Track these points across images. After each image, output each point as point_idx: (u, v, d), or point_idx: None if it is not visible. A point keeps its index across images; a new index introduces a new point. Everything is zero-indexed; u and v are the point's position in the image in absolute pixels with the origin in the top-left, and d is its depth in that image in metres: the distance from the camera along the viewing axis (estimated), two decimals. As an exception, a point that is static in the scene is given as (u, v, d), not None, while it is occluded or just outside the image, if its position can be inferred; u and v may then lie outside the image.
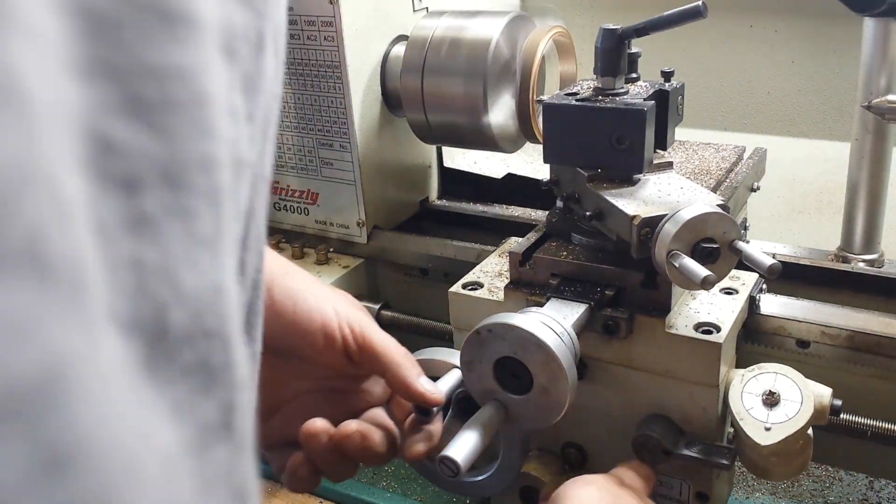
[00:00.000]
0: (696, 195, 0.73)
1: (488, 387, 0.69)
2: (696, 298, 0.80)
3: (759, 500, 0.97)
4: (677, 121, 0.81)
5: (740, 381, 0.76)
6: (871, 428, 0.83)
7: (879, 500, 0.95)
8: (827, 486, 0.98)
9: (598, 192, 0.75)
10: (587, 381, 0.79)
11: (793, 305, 0.87)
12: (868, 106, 0.94)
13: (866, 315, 0.85)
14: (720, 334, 0.74)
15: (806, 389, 0.74)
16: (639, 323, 0.76)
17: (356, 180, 1.07)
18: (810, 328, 0.84)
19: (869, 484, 0.97)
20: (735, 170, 0.97)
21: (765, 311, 0.86)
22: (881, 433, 0.83)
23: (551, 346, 0.65)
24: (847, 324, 0.83)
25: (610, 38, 0.75)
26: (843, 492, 0.97)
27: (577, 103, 0.75)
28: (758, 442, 0.71)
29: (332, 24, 1.00)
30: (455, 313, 0.87)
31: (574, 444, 0.85)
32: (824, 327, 0.84)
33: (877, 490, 0.97)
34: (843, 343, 0.83)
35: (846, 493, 0.97)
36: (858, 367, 0.86)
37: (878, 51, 0.93)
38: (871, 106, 0.94)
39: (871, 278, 0.96)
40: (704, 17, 0.68)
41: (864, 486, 0.97)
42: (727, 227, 0.67)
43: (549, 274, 0.79)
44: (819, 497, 0.97)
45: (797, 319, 0.85)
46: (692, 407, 0.77)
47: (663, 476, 0.81)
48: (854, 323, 0.83)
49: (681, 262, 0.65)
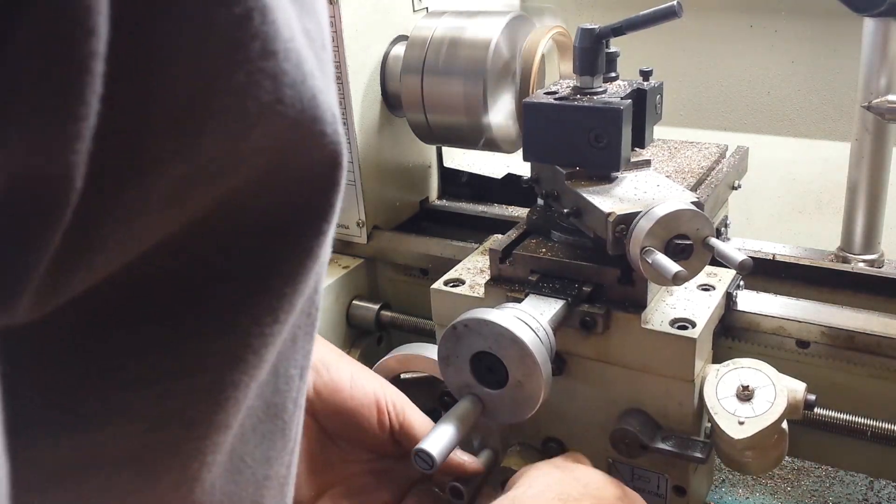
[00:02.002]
0: (671, 193, 0.74)
1: (465, 381, 0.70)
2: (672, 295, 0.81)
3: (760, 499, 0.97)
4: (656, 119, 0.81)
5: (715, 376, 0.77)
6: (870, 428, 0.83)
7: (879, 500, 0.96)
8: (827, 486, 0.98)
9: (577, 190, 0.76)
10: (566, 376, 0.80)
11: (793, 305, 0.87)
12: (868, 106, 0.94)
13: (866, 315, 0.85)
14: (695, 330, 0.75)
15: (779, 384, 0.75)
16: (615, 319, 0.77)
17: (356, 180, 1.07)
18: (810, 328, 0.84)
19: (869, 484, 0.97)
20: (716, 168, 0.98)
21: (742, 308, 0.86)
22: (881, 433, 0.83)
23: (525, 341, 0.66)
24: (847, 324, 0.83)
25: (587, 38, 0.76)
26: (843, 492, 0.97)
27: (555, 102, 0.76)
28: (732, 436, 0.72)
29: (332, 24, 1.00)
30: (437, 309, 0.88)
31: (554, 438, 0.86)
32: (824, 327, 0.84)
33: (877, 490, 0.97)
34: (843, 343, 0.83)
35: (846, 493, 0.97)
36: (858, 367, 0.86)
37: (878, 51, 0.93)
38: (871, 106, 0.94)
39: (871, 278, 0.96)
40: (679, 16, 0.68)
41: (864, 486, 0.97)
42: (700, 224, 0.68)
43: (529, 270, 0.80)
44: (819, 497, 0.97)
45: (797, 319, 0.85)
46: (668, 401, 0.78)
47: (641, 470, 0.82)
48: (854, 323, 0.83)
49: (654, 259, 0.66)
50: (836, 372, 0.86)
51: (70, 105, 0.20)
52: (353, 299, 1.09)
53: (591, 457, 0.79)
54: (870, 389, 0.86)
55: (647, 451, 0.77)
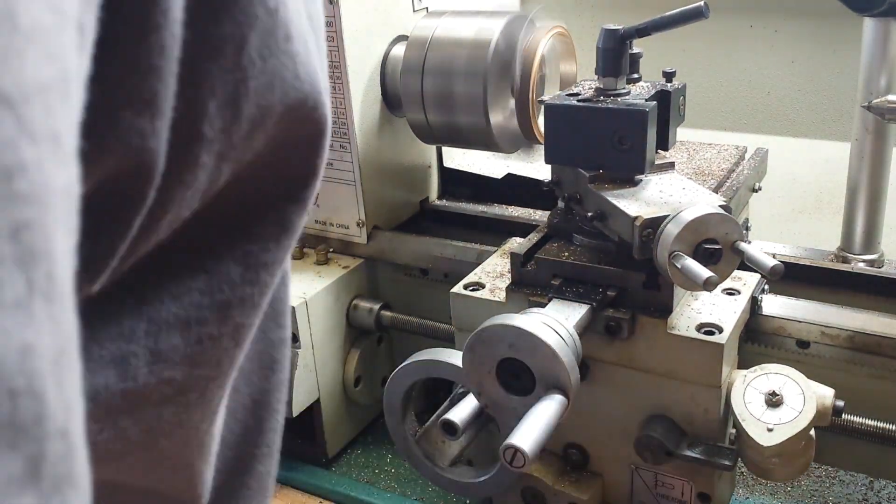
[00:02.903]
0: (697, 196, 0.73)
1: (490, 388, 0.69)
2: (697, 299, 0.80)
3: (760, 499, 0.97)
4: (679, 121, 0.81)
5: (742, 382, 0.76)
6: (870, 428, 0.83)
7: (879, 500, 0.95)
8: (827, 486, 0.98)
9: (600, 193, 0.75)
10: (589, 381, 0.79)
11: (793, 306, 0.87)
12: (868, 106, 0.94)
13: (866, 315, 0.84)
14: (722, 335, 0.74)
15: (808, 390, 0.74)
16: (640, 324, 0.76)
17: (356, 180, 1.07)
18: (810, 328, 0.84)
19: (869, 484, 0.97)
20: (736, 170, 0.98)
21: (767, 312, 0.86)
22: (881, 433, 0.83)
23: (554, 346, 0.65)
24: (847, 324, 0.83)
25: (611, 39, 0.75)
26: (843, 492, 0.97)
27: (578, 104, 0.75)
28: (760, 443, 0.71)
29: (332, 24, 1.00)
30: (457, 314, 0.87)
31: (575, 444, 0.85)
32: (824, 327, 0.84)
33: (877, 490, 0.97)
34: (843, 343, 0.83)
35: (846, 493, 0.97)
36: (858, 367, 0.86)
37: (878, 51, 0.93)
38: (871, 106, 0.94)
39: (871, 278, 0.96)
40: (706, 17, 0.68)
41: (864, 486, 0.97)
42: (729, 228, 0.67)
43: (551, 274, 0.79)
44: (819, 497, 0.97)
45: (797, 320, 0.85)
46: (694, 408, 0.77)
47: (665, 476, 0.81)
48: (854, 323, 0.83)
49: (683, 264, 0.65)
50: (836, 372, 0.86)
51: (155, 95, 0.23)
52: (354, 299, 1.09)
53: (613, 463, 0.78)
54: (870, 389, 0.86)
55: (672, 458, 0.76)
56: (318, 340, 1.03)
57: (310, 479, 1.07)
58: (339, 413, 1.09)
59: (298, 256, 1.11)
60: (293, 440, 1.10)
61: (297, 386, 1.01)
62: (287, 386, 0.38)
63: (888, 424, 0.83)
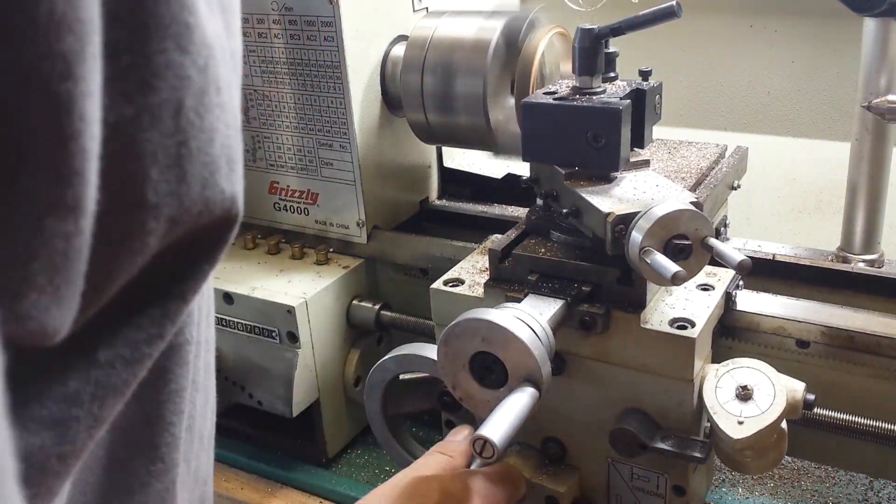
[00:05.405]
0: (670, 193, 0.74)
1: (464, 381, 0.69)
2: (671, 294, 0.81)
3: (759, 500, 0.97)
4: (655, 119, 0.81)
5: (714, 376, 0.77)
6: (870, 428, 0.83)
7: (879, 500, 0.96)
8: (827, 487, 0.98)
9: (575, 190, 0.76)
10: (565, 376, 0.80)
11: (793, 305, 0.87)
12: (868, 106, 0.94)
13: (866, 315, 0.85)
14: (694, 329, 0.75)
15: (779, 384, 0.75)
16: (615, 319, 0.77)
17: (356, 180, 1.07)
18: (810, 328, 0.84)
19: (869, 484, 0.97)
20: (716, 168, 0.98)
21: (741, 308, 0.86)
22: (881, 433, 0.83)
23: (525, 340, 0.66)
24: (847, 324, 0.83)
25: (587, 38, 0.76)
26: (843, 492, 0.97)
27: (554, 102, 0.76)
28: (731, 435, 0.72)
29: (332, 24, 1.00)
30: (437, 309, 0.88)
31: (554, 438, 0.86)
32: (824, 327, 0.84)
33: (877, 490, 0.97)
34: (843, 343, 0.83)
35: (846, 493, 0.97)
36: (858, 367, 0.86)
37: (878, 51, 0.93)
38: (871, 106, 0.94)
39: (871, 278, 0.96)
40: (678, 17, 0.68)
41: (864, 486, 0.97)
42: (699, 225, 0.68)
43: (528, 270, 0.80)
44: (819, 497, 0.97)
45: (797, 319, 0.85)
46: (668, 401, 0.78)
47: (641, 470, 0.82)
48: (854, 323, 0.83)
49: (652, 259, 0.66)
50: (836, 372, 0.86)
51: (80, 199, 0.25)
52: (353, 299, 1.09)
53: (590, 456, 0.79)
54: (870, 389, 0.86)
55: (646, 451, 0.77)
56: (318, 340, 1.03)
57: (310, 479, 1.07)
58: (339, 413, 1.09)
59: (299, 256, 1.11)
60: (293, 440, 1.10)
61: (297, 386, 1.01)
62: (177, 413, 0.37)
63: (888, 424, 0.83)
